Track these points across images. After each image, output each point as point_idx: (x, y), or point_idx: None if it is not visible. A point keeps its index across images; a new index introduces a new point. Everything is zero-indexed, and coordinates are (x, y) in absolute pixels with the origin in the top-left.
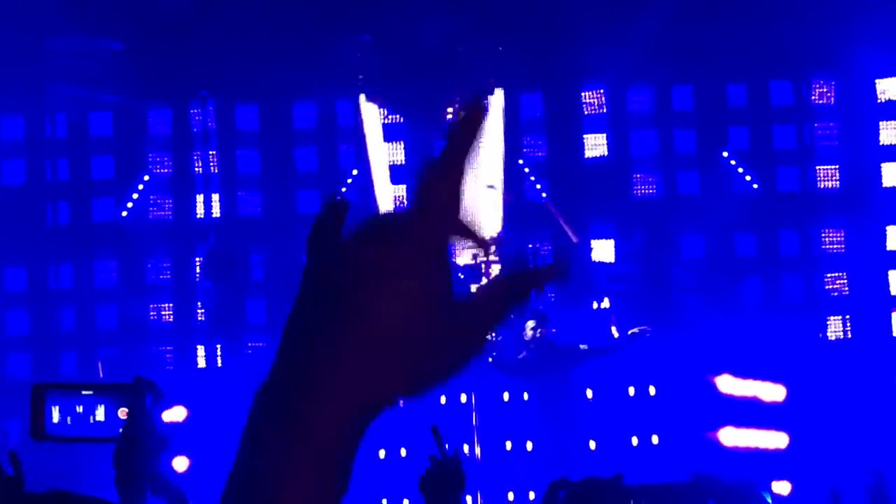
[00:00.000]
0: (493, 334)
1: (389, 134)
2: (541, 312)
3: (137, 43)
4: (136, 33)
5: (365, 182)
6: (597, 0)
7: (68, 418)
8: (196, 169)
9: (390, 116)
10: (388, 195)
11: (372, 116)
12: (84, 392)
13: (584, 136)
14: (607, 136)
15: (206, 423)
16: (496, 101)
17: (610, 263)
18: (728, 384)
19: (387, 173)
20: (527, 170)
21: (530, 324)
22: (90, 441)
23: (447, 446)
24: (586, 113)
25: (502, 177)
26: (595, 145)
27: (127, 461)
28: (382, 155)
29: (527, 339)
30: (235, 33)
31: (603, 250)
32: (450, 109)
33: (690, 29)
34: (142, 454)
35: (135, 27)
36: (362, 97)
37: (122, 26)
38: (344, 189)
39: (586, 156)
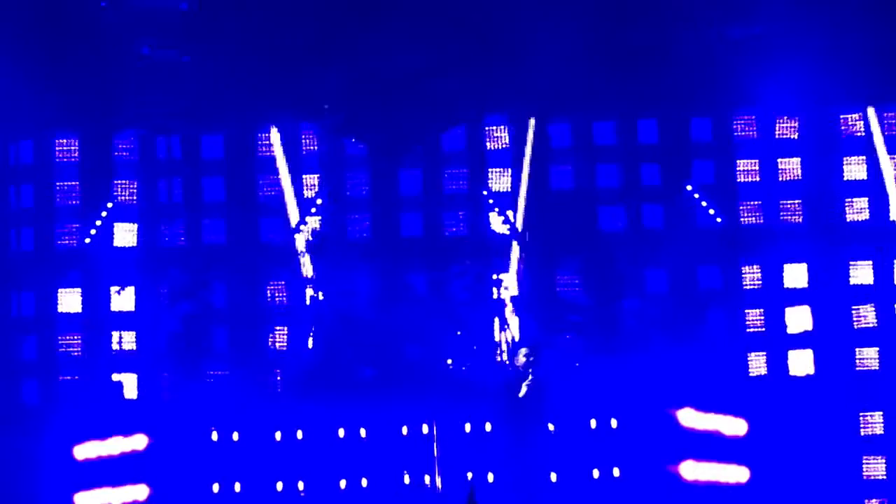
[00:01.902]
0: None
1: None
2: (535, 341)
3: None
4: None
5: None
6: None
7: None
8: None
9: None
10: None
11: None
12: None
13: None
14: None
15: (166, 451)
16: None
17: (573, 296)
18: (690, 418)
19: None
20: (491, 201)
21: (523, 351)
22: None
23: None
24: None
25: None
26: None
27: None
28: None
29: (518, 365)
30: (207, 61)
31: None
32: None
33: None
34: None
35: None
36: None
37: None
38: (309, 217)
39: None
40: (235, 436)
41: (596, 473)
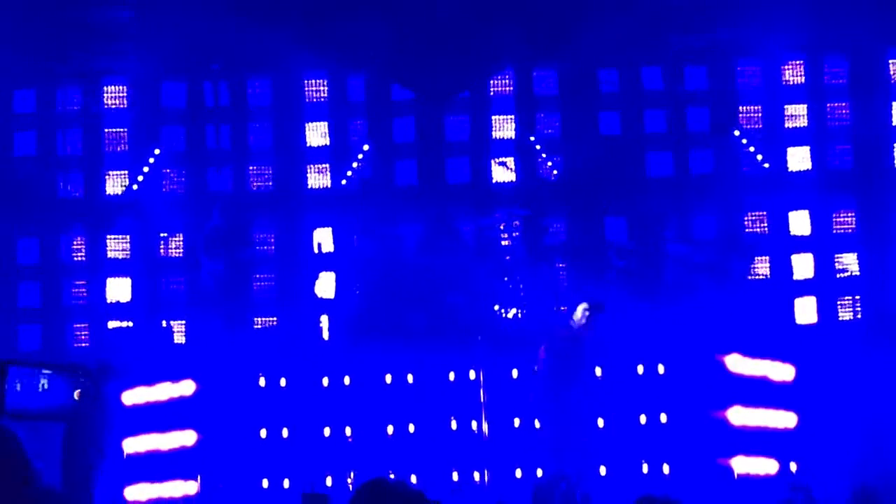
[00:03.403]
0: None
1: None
2: (597, 300)
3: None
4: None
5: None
6: None
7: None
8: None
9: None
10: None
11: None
12: (45, 371)
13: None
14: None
15: (213, 397)
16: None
17: (620, 242)
18: (737, 363)
19: None
20: (538, 147)
21: (583, 306)
22: (45, 418)
23: None
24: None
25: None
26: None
27: (74, 442)
28: None
29: (576, 321)
30: (252, 8)
31: (616, 229)
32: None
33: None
34: (90, 435)
35: None
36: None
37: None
38: (355, 164)
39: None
40: (283, 382)
41: (643, 419)
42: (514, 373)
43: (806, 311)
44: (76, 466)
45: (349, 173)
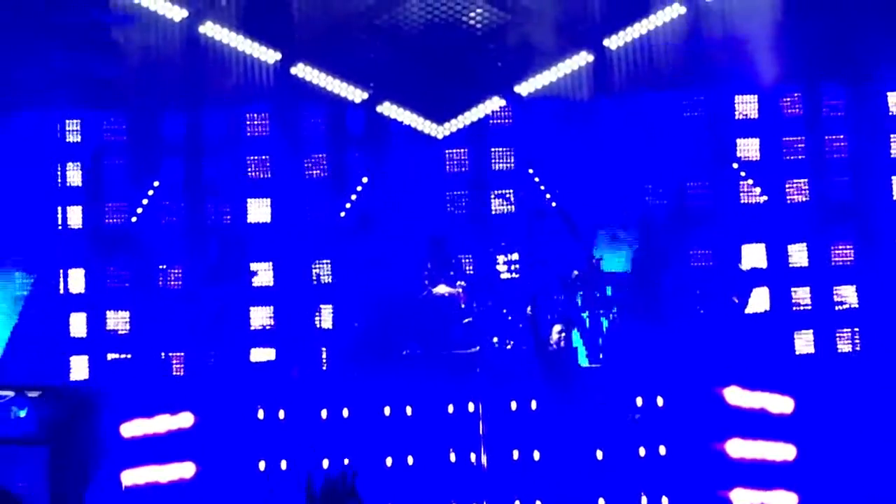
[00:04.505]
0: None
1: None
2: (567, 318)
3: None
4: None
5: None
6: None
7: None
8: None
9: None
10: None
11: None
12: (29, 394)
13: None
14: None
15: (212, 429)
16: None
17: (618, 274)
18: (736, 396)
19: None
20: (537, 179)
21: (557, 328)
22: (26, 443)
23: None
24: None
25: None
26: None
27: (58, 465)
28: None
29: (552, 342)
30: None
31: (612, 261)
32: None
33: None
34: (74, 460)
35: None
36: None
37: None
38: (354, 197)
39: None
40: (281, 414)
41: (642, 451)
42: (513, 405)
43: (805, 343)
44: (62, 490)
45: (348, 205)
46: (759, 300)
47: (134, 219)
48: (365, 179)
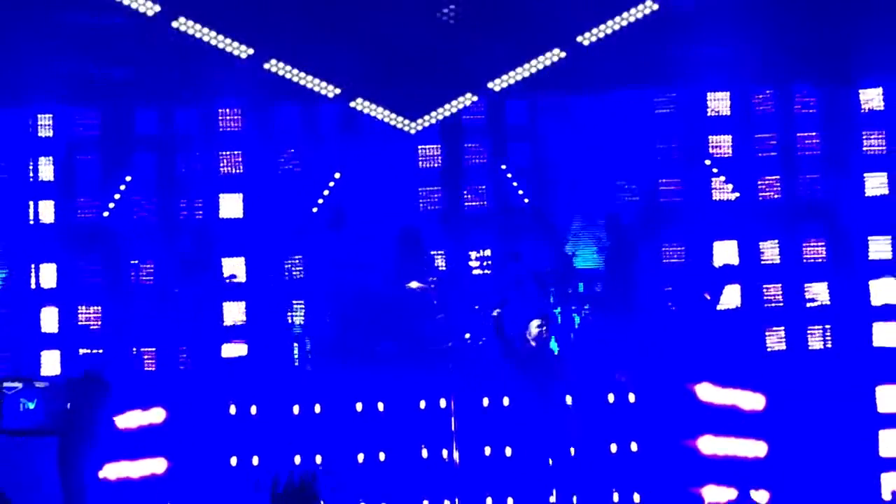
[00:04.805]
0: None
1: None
2: (545, 313)
3: None
4: None
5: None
6: None
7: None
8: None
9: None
10: None
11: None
12: (37, 385)
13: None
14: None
15: (184, 425)
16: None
17: (590, 270)
18: (708, 392)
19: None
20: (510, 175)
21: (536, 322)
22: (35, 434)
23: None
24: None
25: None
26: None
27: (70, 455)
28: None
29: (531, 337)
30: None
31: (586, 257)
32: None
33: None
34: (84, 448)
35: None
36: None
37: None
38: (326, 192)
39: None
40: (253, 409)
41: (614, 448)
42: (486, 401)
43: (776, 339)
44: (73, 478)
45: (320, 201)
46: (731, 297)
47: (106, 214)
48: (338, 175)
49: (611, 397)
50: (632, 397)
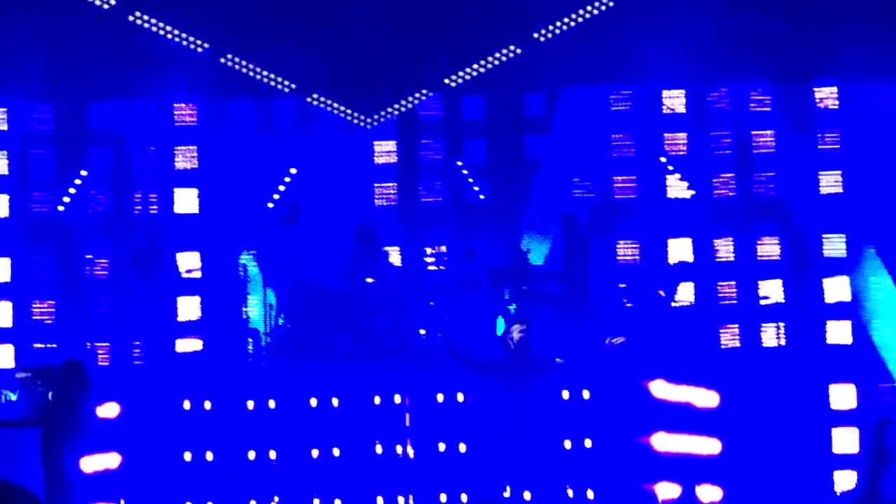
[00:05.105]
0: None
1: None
2: (524, 317)
3: None
4: None
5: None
6: None
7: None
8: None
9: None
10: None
11: None
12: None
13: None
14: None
15: (138, 419)
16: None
17: (542, 266)
18: (661, 389)
19: None
20: (465, 171)
21: (517, 326)
22: (20, 425)
23: None
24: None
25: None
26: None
27: (52, 446)
28: None
29: (513, 341)
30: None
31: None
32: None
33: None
34: (68, 439)
35: None
36: None
37: None
38: (282, 188)
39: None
40: (207, 405)
41: (568, 444)
42: (440, 397)
43: (730, 337)
44: (56, 470)
45: (276, 196)
46: (686, 294)
47: (61, 208)
48: (293, 170)
49: (565, 394)
50: (586, 394)
